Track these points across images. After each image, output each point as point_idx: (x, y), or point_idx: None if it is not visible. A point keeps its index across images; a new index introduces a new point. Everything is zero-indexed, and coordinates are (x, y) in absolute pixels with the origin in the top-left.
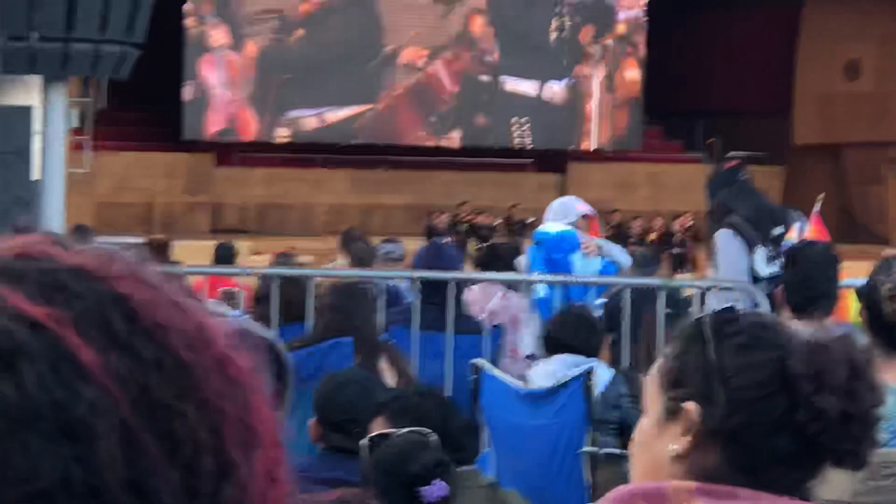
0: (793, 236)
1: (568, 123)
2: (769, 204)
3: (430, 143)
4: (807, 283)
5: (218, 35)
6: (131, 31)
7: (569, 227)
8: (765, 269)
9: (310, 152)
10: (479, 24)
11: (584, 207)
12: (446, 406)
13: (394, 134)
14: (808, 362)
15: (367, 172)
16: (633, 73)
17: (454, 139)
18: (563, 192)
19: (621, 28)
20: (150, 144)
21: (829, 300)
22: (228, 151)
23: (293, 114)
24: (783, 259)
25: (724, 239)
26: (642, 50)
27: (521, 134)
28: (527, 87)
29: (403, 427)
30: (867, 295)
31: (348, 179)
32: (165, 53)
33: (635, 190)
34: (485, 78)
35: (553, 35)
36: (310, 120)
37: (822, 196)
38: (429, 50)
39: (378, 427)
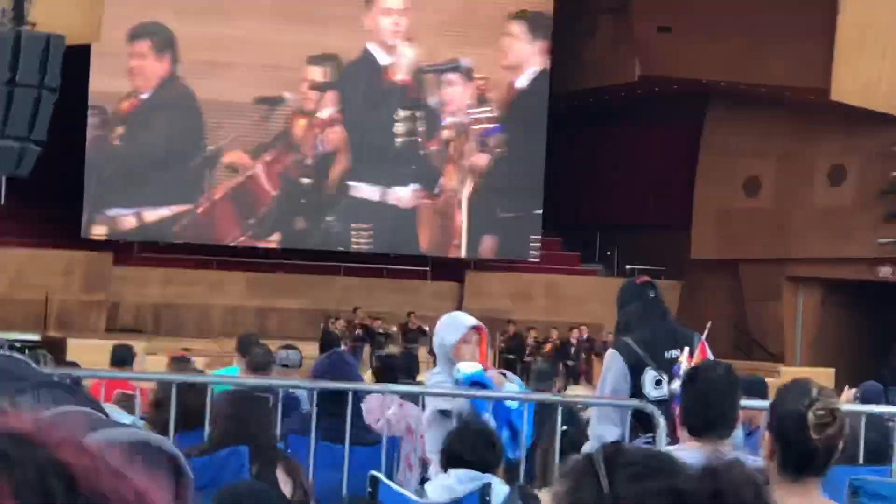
0: (682, 361)
1: (413, 228)
2: (672, 324)
3: (250, 244)
4: (705, 404)
5: None
6: (32, 127)
7: (478, 370)
8: (652, 391)
9: (206, 254)
10: (301, 127)
11: (472, 321)
12: None
13: (213, 235)
14: (703, 486)
15: (263, 276)
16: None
17: (273, 242)
18: (460, 299)
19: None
20: (48, 241)
21: (728, 422)
22: (127, 250)
23: (111, 212)
24: (677, 381)
25: (610, 358)
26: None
27: (360, 238)
28: (372, 192)
29: None
30: (782, 420)
31: (245, 282)
32: (66, 154)
33: (532, 300)
34: (305, 180)
35: (399, 141)
36: (128, 219)
37: (709, 323)
38: (250, 151)
39: None
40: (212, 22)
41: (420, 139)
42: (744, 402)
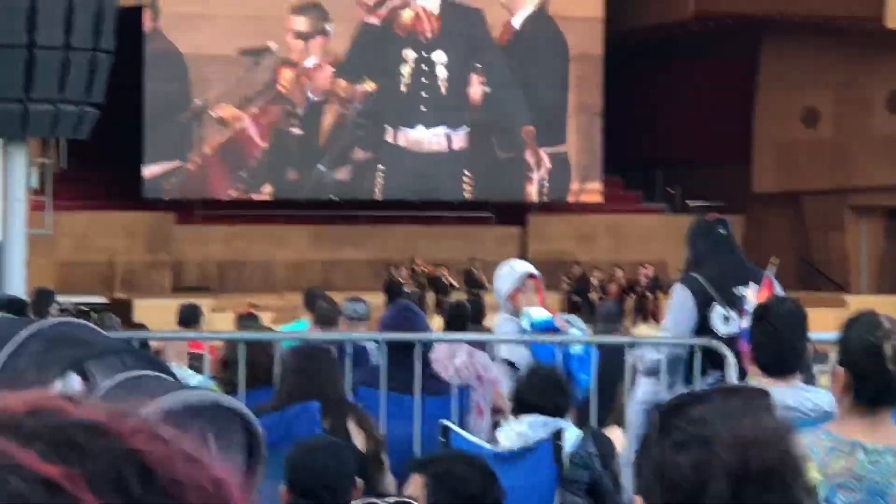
0: (749, 297)
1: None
2: (741, 261)
3: (242, 197)
4: (777, 340)
5: None
6: (90, 91)
7: (548, 316)
8: (721, 327)
9: (267, 209)
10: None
11: (527, 268)
12: (489, 476)
13: (205, 190)
14: (734, 458)
15: (326, 228)
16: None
17: (265, 194)
18: (523, 244)
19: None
20: (110, 204)
21: (799, 357)
22: (189, 210)
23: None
24: (743, 318)
25: (676, 294)
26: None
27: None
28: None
29: (442, 489)
30: (855, 354)
31: (308, 235)
32: (125, 114)
33: (596, 241)
34: (295, 131)
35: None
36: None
37: (775, 259)
38: (237, 104)
39: (415, 485)
40: None
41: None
42: (815, 333)
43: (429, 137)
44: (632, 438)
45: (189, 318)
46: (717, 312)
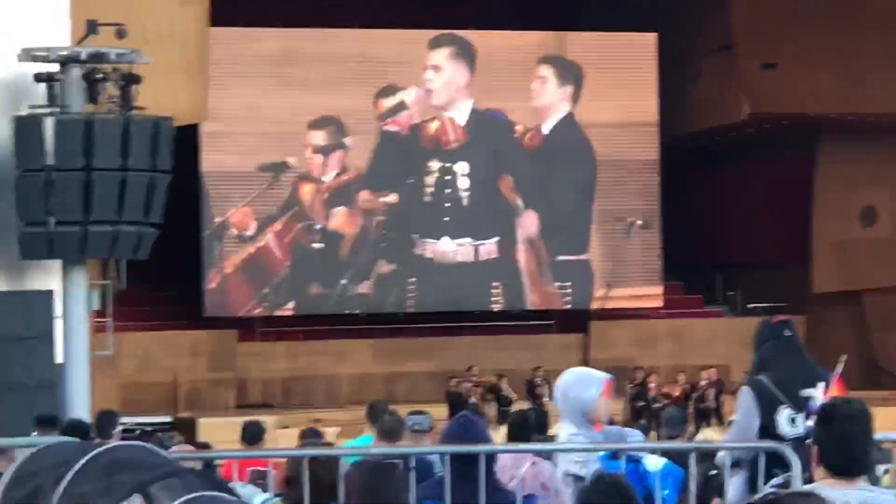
0: (818, 395)
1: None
2: (808, 362)
3: (265, 314)
4: (845, 441)
5: None
6: (148, 211)
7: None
8: (787, 430)
9: (329, 324)
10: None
11: (603, 374)
12: None
13: (227, 307)
14: None
15: (388, 341)
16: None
17: (288, 310)
18: (585, 351)
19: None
20: (172, 323)
21: (867, 458)
22: (251, 327)
23: None
24: (812, 419)
25: (742, 397)
26: None
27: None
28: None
29: None
30: None
31: (370, 348)
32: (183, 234)
33: (658, 346)
34: (317, 245)
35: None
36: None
37: (844, 357)
38: (257, 220)
39: None
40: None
41: (464, 193)
42: (883, 434)
43: (454, 248)
44: None
45: (253, 435)
46: (784, 415)
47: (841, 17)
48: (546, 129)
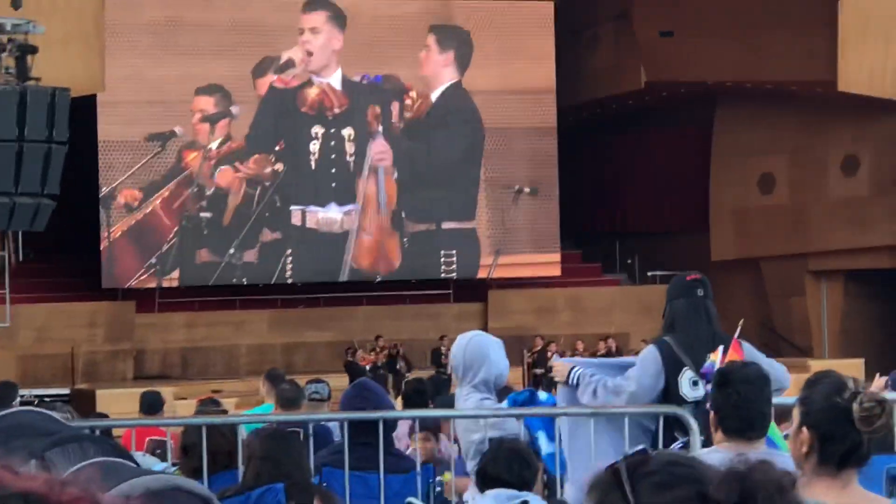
0: (716, 360)
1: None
2: (714, 328)
3: (152, 283)
4: (741, 405)
5: None
6: (45, 182)
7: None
8: (689, 392)
9: (228, 295)
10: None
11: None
12: None
13: (114, 275)
14: (728, 491)
15: (286, 311)
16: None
17: (174, 279)
18: (484, 319)
19: None
20: (69, 294)
21: (764, 421)
22: (149, 297)
23: None
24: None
25: (646, 355)
26: None
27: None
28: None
29: None
30: (823, 417)
31: (268, 319)
32: (81, 204)
33: (556, 314)
34: (203, 215)
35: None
36: None
37: (741, 322)
38: (145, 190)
39: None
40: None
41: (350, 158)
42: (775, 399)
43: (339, 216)
44: None
45: (152, 405)
46: (687, 376)
47: None
48: (434, 96)
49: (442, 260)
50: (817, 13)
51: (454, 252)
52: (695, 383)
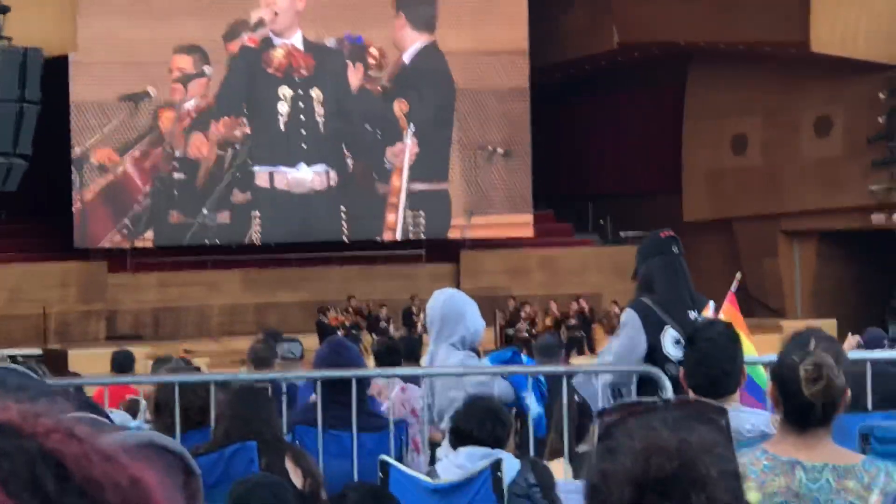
0: (706, 314)
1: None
2: (689, 286)
3: (125, 245)
4: (706, 363)
5: None
6: (17, 142)
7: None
8: (672, 351)
9: (201, 254)
10: (169, 120)
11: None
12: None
13: (87, 237)
14: (636, 463)
15: (259, 271)
16: None
17: (147, 240)
18: (456, 280)
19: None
20: (41, 255)
21: (731, 379)
22: (121, 257)
23: None
24: None
25: (628, 318)
26: None
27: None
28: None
29: None
30: (780, 374)
31: (240, 279)
32: (53, 166)
33: (529, 275)
34: (176, 175)
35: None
36: None
37: (739, 274)
38: (118, 149)
39: None
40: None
41: (319, 119)
42: (747, 357)
43: (309, 177)
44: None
45: (123, 364)
46: (669, 335)
47: None
48: (406, 57)
49: (411, 220)
50: None
51: (422, 213)
52: (677, 342)
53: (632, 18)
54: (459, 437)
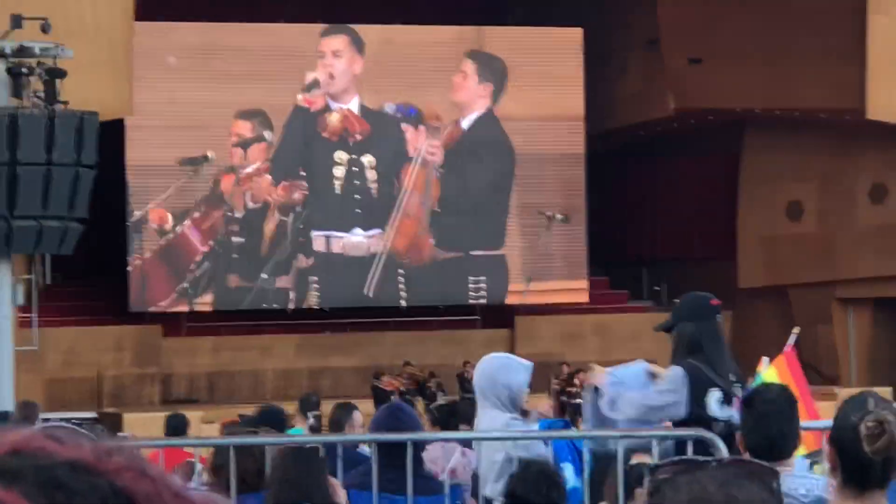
0: (760, 370)
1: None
2: (728, 354)
3: (183, 308)
4: (763, 424)
5: None
6: (73, 206)
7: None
8: (717, 411)
9: (255, 320)
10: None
11: (526, 361)
12: None
13: (146, 300)
14: None
15: (313, 336)
16: None
17: (206, 304)
18: (511, 345)
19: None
20: (97, 318)
21: (789, 442)
22: (176, 322)
23: None
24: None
25: (674, 376)
26: None
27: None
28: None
29: None
30: (839, 435)
31: (295, 344)
32: (108, 229)
33: (583, 341)
34: (235, 240)
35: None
36: None
37: (797, 329)
38: (176, 213)
39: None
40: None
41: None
42: (804, 423)
43: (364, 241)
44: None
45: (177, 428)
46: (714, 397)
47: (766, 12)
48: (465, 124)
49: (470, 286)
50: (846, 41)
51: (483, 278)
52: (722, 402)
53: (688, 85)
54: (514, 501)
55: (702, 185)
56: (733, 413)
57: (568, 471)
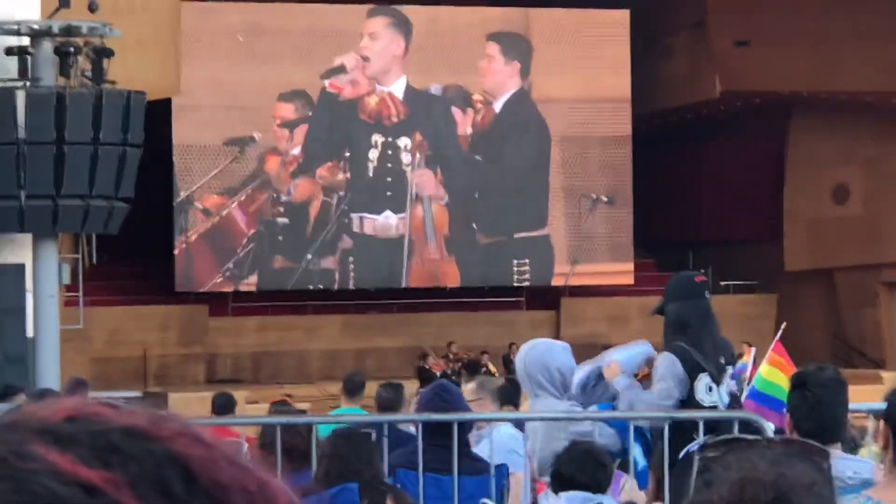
0: (748, 361)
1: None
2: (718, 330)
3: (229, 288)
4: (816, 408)
5: None
6: (119, 186)
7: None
8: (705, 397)
9: (300, 300)
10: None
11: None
12: None
13: (191, 281)
14: (732, 492)
15: (358, 317)
16: None
17: (251, 284)
18: (556, 327)
19: None
20: (142, 297)
21: (840, 426)
22: (222, 301)
23: None
24: (731, 382)
25: (667, 363)
26: None
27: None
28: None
29: None
30: (894, 413)
31: (340, 324)
32: (154, 209)
33: (629, 323)
34: (280, 221)
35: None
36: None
37: (784, 324)
38: (222, 194)
39: None
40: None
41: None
42: (853, 404)
43: (394, 221)
44: None
45: (223, 407)
46: (703, 383)
47: None
48: (498, 105)
49: (514, 269)
50: (893, 22)
51: (527, 261)
52: (710, 389)
53: (734, 67)
54: (561, 482)
55: (747, 167)
56: (719, 398)
57: (637, 453)
